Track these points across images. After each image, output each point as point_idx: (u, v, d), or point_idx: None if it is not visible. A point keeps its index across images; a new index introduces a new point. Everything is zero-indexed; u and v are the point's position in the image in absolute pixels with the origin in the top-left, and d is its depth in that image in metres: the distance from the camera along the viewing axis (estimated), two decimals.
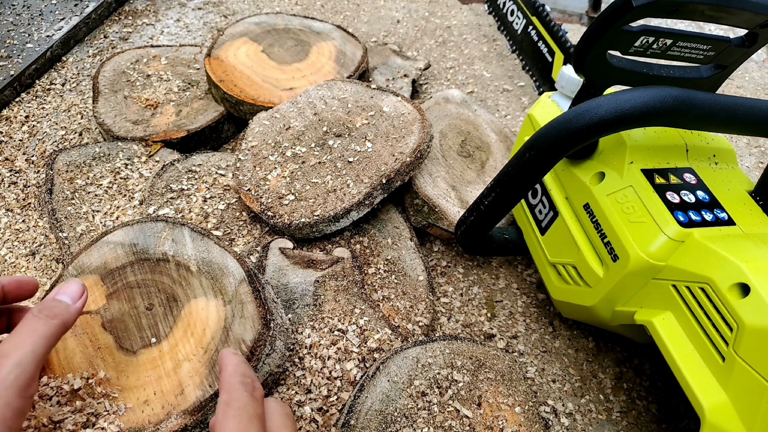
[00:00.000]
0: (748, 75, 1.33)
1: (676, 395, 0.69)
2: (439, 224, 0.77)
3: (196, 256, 0.59)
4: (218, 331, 0.54)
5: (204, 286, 0.57)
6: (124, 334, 0.54)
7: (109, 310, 0.55)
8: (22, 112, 1.01)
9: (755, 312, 0.42)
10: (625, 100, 0.47)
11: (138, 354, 0.52)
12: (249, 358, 0.52)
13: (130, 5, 1.34)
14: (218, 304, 0.55)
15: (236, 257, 0.59)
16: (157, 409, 0.49)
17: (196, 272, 0.58)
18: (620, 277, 0.53)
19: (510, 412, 0.57)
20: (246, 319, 0.54)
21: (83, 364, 0.51)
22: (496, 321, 0.75)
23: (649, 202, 0.53)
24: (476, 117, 0.96)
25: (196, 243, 0.60)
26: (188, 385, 0.50)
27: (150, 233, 0.60)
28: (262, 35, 1.05)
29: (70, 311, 0.42)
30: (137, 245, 0.59)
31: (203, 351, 0.52)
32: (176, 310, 0.55)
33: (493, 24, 1.40)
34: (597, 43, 0.52)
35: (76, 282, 0.44)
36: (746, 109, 0.49)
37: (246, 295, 0.56)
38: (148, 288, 0.57)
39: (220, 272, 0.58)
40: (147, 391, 0.50)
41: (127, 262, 0.58)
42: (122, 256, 0.59)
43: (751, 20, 0.52)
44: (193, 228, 0.61)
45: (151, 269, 0.58)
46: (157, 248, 0.59)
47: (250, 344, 0.52)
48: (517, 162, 0.55)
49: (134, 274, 0.57)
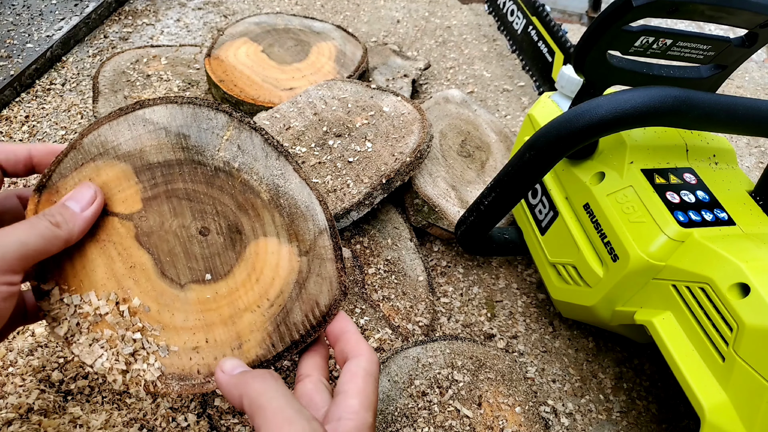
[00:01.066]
0: (748, 75, 1.33)
1: (676, 395, 0.69)
2: (439, 224, 0.77)
3: (270, 180, 0.44)
4: (290, 284, 0.43)
5: (277, 224, 0.44)
6: (167, 258, 0.41)
7: (147, 221, 0.41)
8: (22, 112, 1.01)
9: (755, 312, 0.42)
10: (625, 100, 0.47)
11: (186, 289, 0.41)
12: (320, 324, 0.43)
13: (130, 5, 1.34)
14: (292, 251, 0.44)
15: (319, 198, 0.46)
16: (208, 359, 0.41)
17: (267, 202, 0.44)
18: (620, 277, 0.53)
19: (510, 412, 0.57)
20: (324, 280, 0.44)
21: (109, 282, 0.40)
22: (496, 321, 0.75)
23: (649, 202, 0.53)
24: (476, 117, 0.96)
25: (270, 161, 0.45)
26: (248, 341, 0.42)
27: (207, 126, 0.44)
28: (262, 35, 1.05)
29: (76, 221, 0.36)
30: (188, 138, 0.43)
31: (269, 304, 0.43)
32: (239, 245, 0.43)
33: (493, 24, 1.40)
34: (597, 43, 0.52)
35: (89, 186, 0.38)
36: (746, 109, 0.49)
37: (326, 250, 0.45)
38: (202, 205, 0.43)
39: (298, 212, 0.45)
40: (197, 337, 0.41)
41: (174, 160, 0.42)
42: (166, 147, 0.42)
43: (751, 20, 0.52)
44: (267, 138, 0.45)
45: (207, 180, 0.43)
46: (217, 152, 0.43)
47: (325, 309, 0.44)
48: (517, 162, 0.55)
49: (184, 181, 0.42)
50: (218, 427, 0.56)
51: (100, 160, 0.41)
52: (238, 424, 0.56)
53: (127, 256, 0.41)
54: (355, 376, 0.37)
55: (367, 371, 0.37)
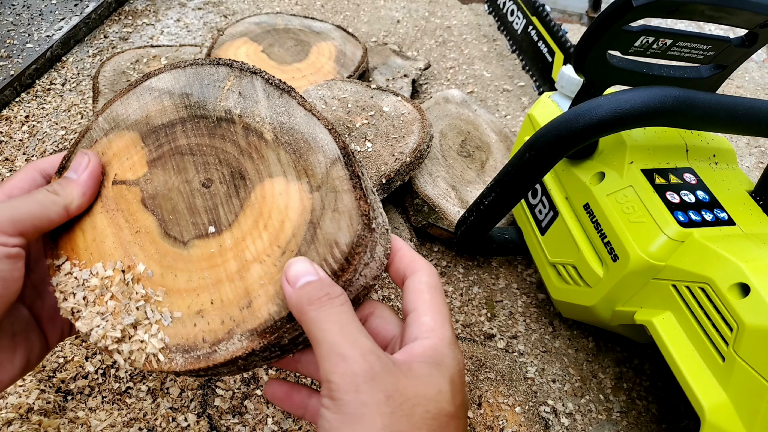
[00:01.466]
0: (748, 75, 1.33)
1: (676, 395, 0.69)
2: (439, 224, 0.77)
3: (272, 119, 0.42)
4: (302, 225, 0.39)
5: (283, 163, 0.41)
6: (171, 217, 0.40)
7: (152, 183, 0.41)
8: (22, 112, 1.01)
9: (755, 312, 0.42)
10: (625, 100, 0.47)
11: (189, 246, 0.39)
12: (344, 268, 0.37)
13: (130, 5, 1.34)
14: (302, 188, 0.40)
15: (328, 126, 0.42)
16: (214, 324, 0.37)
17: (272, 141, 0.42)
18: (620, 277, 0.53)
19: (510, 412, 0.57)
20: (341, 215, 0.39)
21: (117, 251, 0.39)
22: (496, 321, 0.75)
23: (649, 202, 0.53)
24: (476, 117, 0.96)
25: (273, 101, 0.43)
26: (258, 296, 0.37)
27: (208, 81, 0.44)
28: (262, 35, 1.05)
29: (72, 185, 0.36)
30: (191, 96, 0.44)
31: (280, 251, 0.38)
32: (244, 191, 0.40)
33: (493, 24, 1.40)
34: (597, 43, 0.52)
35: (82, 153, 0.38)
36: (746, 109, 0.49)
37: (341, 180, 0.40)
38: (205, 157, 0.42)
39: (305, 145, 0.41)
40: (201, 298, 0.38)
41: (177, 119, 0.43)
42: (170, 108, 0.43)
43: (751, 20, 0.52)
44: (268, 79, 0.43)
45: (209, 131, 0.43)
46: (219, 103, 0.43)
47: (346, 249, 0.37)
48: (517, 162, 0.55)
49: (186, 136, 0.42)
50: (218, 427, 0.56)
51: (112, 133, 0.42)
52: (239, 424, 0.56)
53: (133, 222, 0.40)
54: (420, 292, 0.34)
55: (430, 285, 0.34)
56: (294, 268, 0.33)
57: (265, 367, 0.48)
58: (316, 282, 0.31)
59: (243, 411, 0.57)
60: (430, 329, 0.31)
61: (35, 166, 0.38)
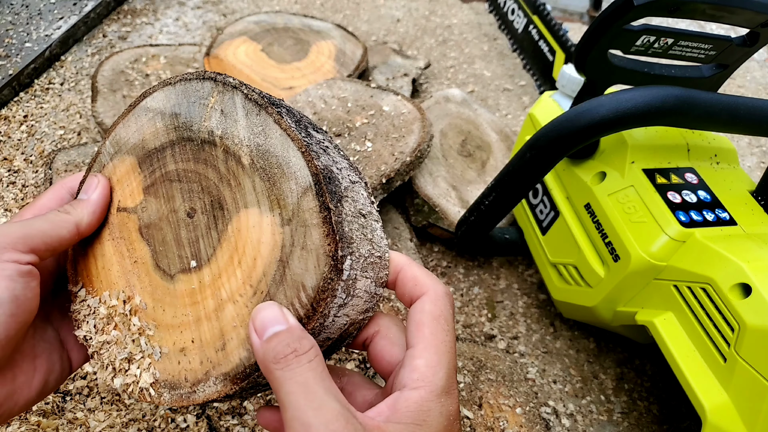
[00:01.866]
0: (749, 74, 1.32)
1: (677, 396, 0.68)
2: (440, 224, 0.77)
3: (250, 141, 0.39)
4: (272, 263, 0.36)
5: (258, 191, 0.38)
6: (161, 248, 0.39)
7: (147, 211, 0.40)
8: (21, 111, 1.01)
9: (757, 312, 0.42)
10: (626, 99, 0.47)
11: (175, 280, 0.38)
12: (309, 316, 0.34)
13: (129, 4, 1.34)
14: (274, 222, 0.37)
15: (302, 148, 0.37)
16: (194, 364, 0.36)
17: (248, 167, 0.38)
18: (621, 278, 0.53)
19: (511, 413, 0.57)
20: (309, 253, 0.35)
21: (120, 280, 0.39)
22: (496, 321, 0.75)
23: (651, 201, 0.53)
24: (477, 116, 0.95)
25: (251, 119, 0.39)
26: (231, 339, 0.35)
27: (194, 98, 0.41)
28: (262, 34, 1.05)
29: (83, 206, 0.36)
30: (179, 116, 0.41)
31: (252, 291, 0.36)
32: (222, 223, 0.38)
33: (493, 23, 1.40)
34: (598, 42, 0.52)
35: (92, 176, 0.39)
36: (748, 109, 0.49)
37: (311, 213, 0.35)
38: (190, 184, 0.40)
39: (279, 171, 0.38)
40: (184, 336, 0.37)
41: (167, 142, 0.41)
42: (162, 131, 0.41)
43: (752, 19, 0.52)
44: (247, 94, 0.39)
45: (194, 156, 0.40)
46: (203, 123, 0.40)
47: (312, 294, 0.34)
48: (518, 162, 0.55)
49: (175, 161, 0.40)
50: (217, 428, 0.56)
51: (116, 158, 0.41)
52: (238, 425, 0.56)
53: (132, 251, 0.39)
54: (420, 325, 0.30)
55: (432, 315, 0.30)
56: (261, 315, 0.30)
57: None
58: (284, 333, 0.28)
59: (242, 412, 0.57)
60: (421, 377, 0.28)
61: (64, 184, 0.38)
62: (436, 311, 0.30)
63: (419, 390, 0.27)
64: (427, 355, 0.28)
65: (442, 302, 0.31)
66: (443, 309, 0.31)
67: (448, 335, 0.30)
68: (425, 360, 0.28)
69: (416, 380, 0.28)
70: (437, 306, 0.31)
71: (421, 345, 0.29)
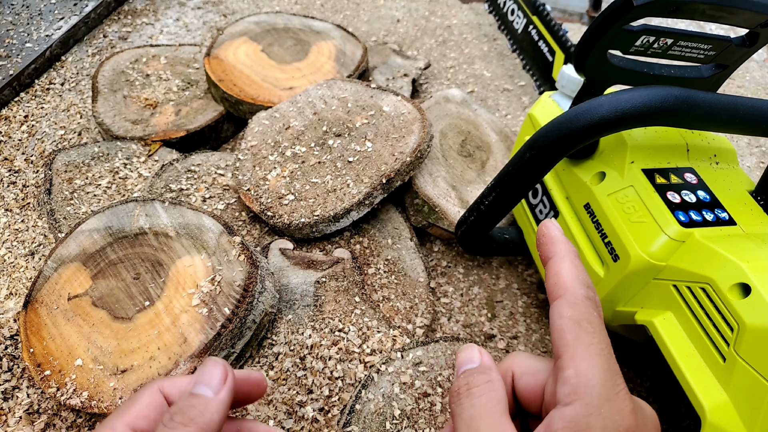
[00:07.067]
0: (749, 74, 1.32)
1: (676, 396, 0.68)
2: (440, 224, 0.77)
3: (172, 223, 0.63)
4: (209, 279, 0.58)
5: (186, 246, 0.61)
6: (116, 305, 0.57)
7: (97, 289, 0.58)
8: (21, 111, 1.01)
9: (756, 312, 0.42)
10: (625, 99, 0.47)
11: (134, 319, 0.56)
12: (243, 297, 0.55)
13: (130, 5, 1.34)
14: (203, 258, 0.60)
15: (211, 215, 0.63)
16: (164, 361, 0.53)
17: (175, 236, 0.62)
18: (621, 277, 0.53)
19: None
20: (233, 263, 0.59)
21: (81, 342, 0.55)
22: (496, 321, 0.75)
23: (650, 201, 0.53)
24: (476, 116, 0.95)
25: (170, 212, 0.64)
26: (190, 333, 0.54)
27: (122, 214, 0.64)
28: (262, 34, 1.05)
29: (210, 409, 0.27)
30: (112, 227, 0.63)
31: (197, 300, 0.56)
32: (163, 273, 0.59)
33: (493, 23, 1.40)
34: (598, 42, 0.52)
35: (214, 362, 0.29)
36: (747, 109, 0.49)
37: (228, 244, 0.60)
38: (131, 261, 0.60)
39: (198, 231, 0.62)
40: (151, 349, 0.54)
41: (106, 244, 0.62)
42: (99, 240, 0.62)
43: (751, 20, 0.52)
44: (164, 200, 0.65)
45: (130, 244, 0.62)
46: (133, 225, 0.63)
47: (243, 284, 0.57)
48: (517, 162, 0.55)
49: (115, 252, 0.61)
50: None
51: (60, 268, 0.60)
52: None
53: (88, 318, 0.56)
54: (562, 332, 0.26)
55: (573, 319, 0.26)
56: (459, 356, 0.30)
57: None
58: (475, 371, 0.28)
59: (244, 413, 0.57)
60: (572, 390, 0.24)
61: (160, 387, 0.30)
62: (576, 315, 0.27)
63: (573, 405, 0.24)
64: (576, 364, 0.25)
65: (582, 306, 0.27)
66: (585, 311, 0.27)
67: (595, 337, 0.26)
68: (574, 369, 0.25)
69: (568, 394, 0.25)
70: (577, 309, 0.27)
71: (567, 354, 0.26)
